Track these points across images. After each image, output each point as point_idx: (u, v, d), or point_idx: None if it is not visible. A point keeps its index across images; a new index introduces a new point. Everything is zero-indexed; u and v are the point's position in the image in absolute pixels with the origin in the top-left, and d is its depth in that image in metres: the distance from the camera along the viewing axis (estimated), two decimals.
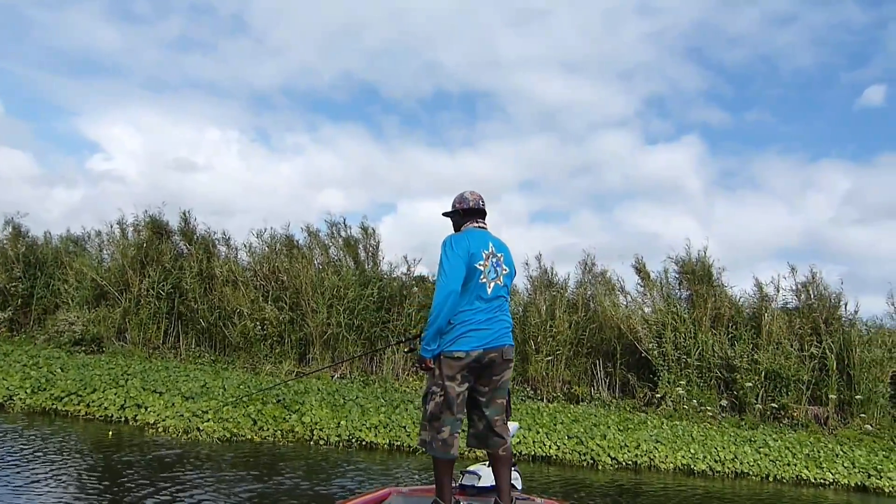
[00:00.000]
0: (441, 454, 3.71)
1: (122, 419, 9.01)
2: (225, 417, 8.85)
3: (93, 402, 9.32)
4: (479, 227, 4.02)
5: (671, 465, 9.32)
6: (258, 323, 13.74)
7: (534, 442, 9.35)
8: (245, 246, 15.10)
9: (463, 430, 3.87)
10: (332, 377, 12.88)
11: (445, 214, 4.17)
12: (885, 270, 32.86)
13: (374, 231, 14.98)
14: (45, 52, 41.03)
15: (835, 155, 37.89)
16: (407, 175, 39.95)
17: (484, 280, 3.77)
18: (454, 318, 3.70)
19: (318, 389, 10.86)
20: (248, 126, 44.65)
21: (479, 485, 4.18)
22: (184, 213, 15.43)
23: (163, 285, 14.26)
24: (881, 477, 9.35)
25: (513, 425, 4.08)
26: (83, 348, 13.68)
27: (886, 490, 9.18)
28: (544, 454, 9.19)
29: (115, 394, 9.42)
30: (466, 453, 7.74)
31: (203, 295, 14.29)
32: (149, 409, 9.07)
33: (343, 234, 15.00)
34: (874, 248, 31.18)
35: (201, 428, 8.55)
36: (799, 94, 38.94)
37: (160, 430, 8.52)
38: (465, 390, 3.75)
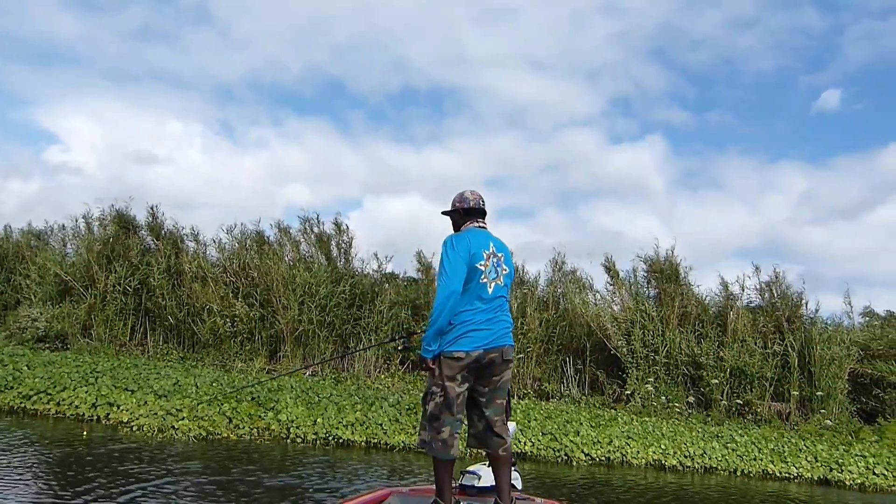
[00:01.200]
0: (441, 454, 3.72)
1: (95, 418, 8.87)
2: (200, 416, 8.78)
3: (63, 400, 9.15)
4: (480, 226, 4.01)
5: (643, 460, 9.52)
6: (228, 320, 13.61)
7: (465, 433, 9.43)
8: (214, 242, 14.95)
9: (463, 431, 3.90)
10: (305, 374, 12.82)
11: (445, 213, 4.15)
12: (840, 270, 33.86)
13: (347, 227, 14.95)
14: (1, 39, 39.84)
15: (793, 156, 38.92)
16: (373, 171, 39.83)
17: (485, 280, 3.77)
18: (454, 319, 3.69)
19: (292, 387, 10.80)
20: (211, 119, 44.02)
21: (479, 485, 4.20)
22: (151, 208, 15.19)
23: (130, 281, 14.03)
24: (842, 471, 9.69)
25: (511, 426, 4.11)
26: (47, 345, 13.39)
27: (847, 483, 9.52)
28: (519, 451, 9.29)
29: (87, 392, 9.25)
30: (467, 454, 7.76)
31: (171, 291, 14.09)
32: (121, 408, 8.95)
33: (315, 230, 14.92)
34: (828, 248, 32.13)
35: (176, 426, 8.46)
36: (759, 96, 39.87)
37: (134, 428, 8.41)
38: (464, 391, 3.76)
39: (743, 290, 13.84)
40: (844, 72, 38.10)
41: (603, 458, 9.41)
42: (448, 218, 4.16)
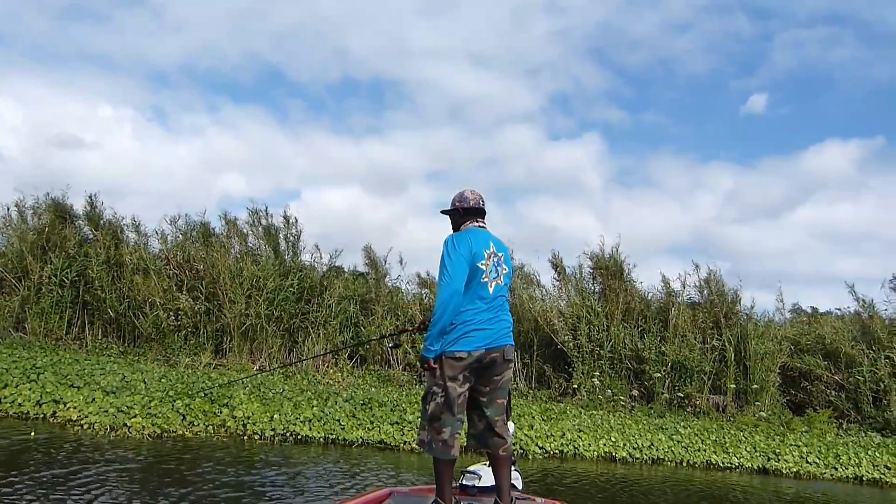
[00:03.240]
0: (441, 455, 3.74)
1: (40, 416, 8.51)
2: (153, 413, 8.54)
3: (5, 398, 8.73)
4: (480, 226, 4.03)
5: (594, 452, 9.78)
6: (172, 313, 13.25)
7: (465, 433, 9.53)
8: (157, 233, 14.50)
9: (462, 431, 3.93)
10: (255, 369, 12.63)
11: (444, 213, 4.16)
12: (763, 267, 35.33)
13: (296, 220, 14.77)
14: None
15: (723, 157, 40.48)
16: (312, 161, 39.36)
17: (485, 280, 3.80)
18: (455, 318, 3.71)
19: (243, 382, 10.63)
20: (143, 104, 42.61)
21: (480, 485, 4.24)
22: (90, 197, 14.63)
23: (66, 273, 13.48)
24: (779, 460, 10.20)
25: (510, 425, 4.16)
26: None
27: (784, 471, 10.03)
28: None
29: (30, 389, 8.86)
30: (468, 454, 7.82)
31: (111, 283, 13.60)
32: (68, 405, 8.59)
33: (263, 222, 14.68)
34: (753, 246, 33.55)
35: (129, 424, 8.21)
36: (692, 98, 41.28)
37: (85, 427, 8.12)
38: (465, 391, 3.79)
39: (684, 288, 14.38)
40: (772, 77, 39.86)
41: (556, 452, 9.62)
42: (440, 218, 4.19)
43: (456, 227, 4.09)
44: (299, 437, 8.86)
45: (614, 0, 40.19)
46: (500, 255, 3.95)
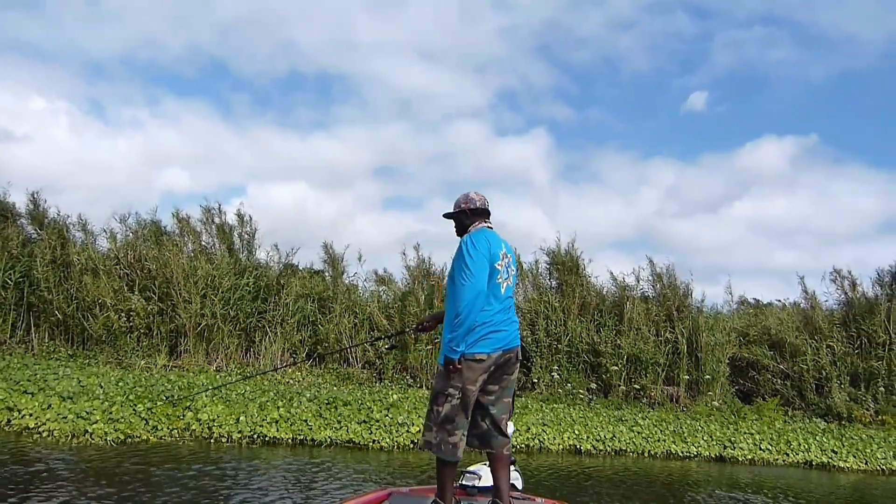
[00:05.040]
0: (449, 457, 3.71)
1: None
2: (115, 418, 8.30)
3: None
4: (489, 227, 4.03)
5: (559, 446, 9.96)
6: (123, 314, 12.87)
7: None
8: (105, 231, 14.03)
9: None
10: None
11: (448, 216, 4.13)
12: (705, 261, 36.43)
13: (250, 218, 14.51)
14: None
15: (665, 153, 41.38)
16: (257, 156, 38.61)
17: (500, 280, 3.81)
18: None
19: (203, 384, 10.44)
20: (79, 96, 40.98)
21: (480, 485, 4.25)
22: (32, 195, 14.07)
23: (10, 274, 12.95)
24: (734, 448, 10.57)
25: (510, 425, 4.18)
26: None
27: (739, 459, 10.40)
28: None
29: None
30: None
31: (58, 284, 13.12)
32: (23, 413, 8.27)
33: (217, 220, 14.37)
34: (694, 240, 34.50)
35: (90, 430, 7.96)
36: (635, 96, 42.08)
37: (44, 434, 7.83)
38: (477, 391, 3.79)
39: (638, 282, 14.71)
40: (711, 76, 40.94)
41: (523, 446, 9.75)
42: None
43: (462, 229, 4.06)
44: (267, 438, 8.74)
45: None
46: (509, 256, 3.97)
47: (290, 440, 8.81)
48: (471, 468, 4.42)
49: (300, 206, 35.38)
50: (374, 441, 9.06)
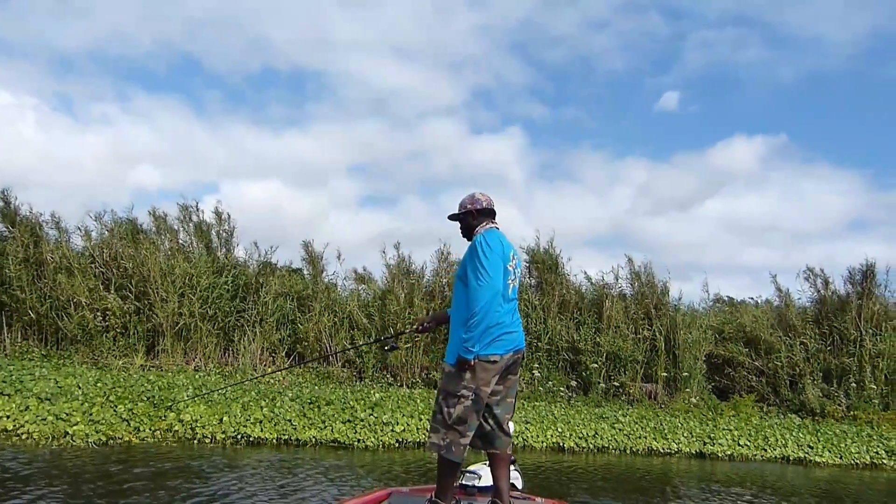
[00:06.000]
0: (457, 458, 3.69)
1: None
2: (96, 419, 8.16)
3: None
4: (496, 227, 4.01)
5: (543, 443, 10.01)
6: (99, 313, 12.66)
7: (417, 429, 9.57)
8: (80, 229, 13.77)
9: None
10: (193, 369, 12.24)
11: (453, 217, 4.09)
12: (678, 258, 36.86)
13: (228, 216, 14.35)
14: None
15: (638, 152, 41.76)
16: (230, 154, 38.20)
17: (509, 281, 3.81)
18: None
19: (183, 383, 10.30)
20: (47, 92, 40.10)
21: (480, 485, 4.25)
22: (2, 192, 13.74)
23: None
24: (714, 444, 10.72)
25: (511, 425, 4.18)
26: None
27: (719, 455, 10.55)
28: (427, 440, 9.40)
29: None
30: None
31: (31, 283, 12.87)
32: (0, 415, 8.11)
33: (195, 218, 14.18)
34: (667, 238, 34.89)
35: (71, 432, 7.81)
36: (610, 95, 42.42)
37: (23, 436, 7.67)
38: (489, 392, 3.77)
39: (617, 280, 14.85)
40: (684, 75, 41.42)
41: None
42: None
43: (469, 230, 4.02)
44: (251, 439, 8.67)
45: None
46: (516, 257, 3.96)
47: (274, 440, 8.75)
48: (471, 468, 4.42)
49: (274, 204, 35.11)
50: (359, 440, 9.03)
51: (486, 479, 4.18)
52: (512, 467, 4.31)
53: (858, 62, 38.33)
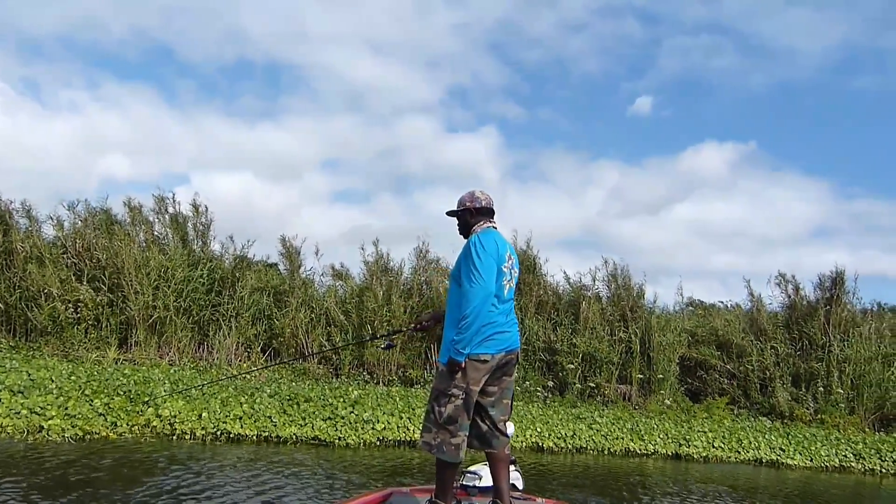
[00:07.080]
0: (451, 458, 3.69)
1: None
2: (71, 413, 7.98)
3: None
4: (494, 226, 4.02)
5: (523, 443, 10.05)
6: (70, 305, 12.39)
7: (398, 427, 9.53)
8: (52, 218, 13.45)
9: None
10: (167, 363, 12.04)
11: (451, 214, 4.10)
12: (648, 261, 37.34)
13: (206, 209, 14.15)
14: None
15: (611, 155, 42.21)
16: (202, 145, 37.70)
17: (504, 282, 3.81)
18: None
19: (159, 378, 10.13)
20: (13, 76, 39.19)
21: (480, 485, 4.25)
22: None
23: None
24: (689, 445, 10.86)
25: (510, 425, 4.18)
26: None
27: (694, 456, 10.70)
28: (409, 438, 9.39)
29: None
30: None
31: (0, 273, 12.55)
32: None
33: (171, 210, 13.96)
34: (637, 241, 35.34)
35: (46, 427, 7.63)
36: (584, 97, 42.79)
37: None
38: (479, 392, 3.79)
39: (594, 282, 14.97)
40: (658, 80, 41.99)
41: None
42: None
43: (466, 228, 4.03)
44: (231, 435, 8.56)
45: None
46: (513, 258, 3.96)
47: (254, 437, 8.65)
48: (471, 468, 4.42)
49: (246, 196, 34.79)
50: (339, 438, 8.96)
51: (487, 480, 4.19)
52: (512, 468, 4.32)
53: (827, 74, 39.24)
